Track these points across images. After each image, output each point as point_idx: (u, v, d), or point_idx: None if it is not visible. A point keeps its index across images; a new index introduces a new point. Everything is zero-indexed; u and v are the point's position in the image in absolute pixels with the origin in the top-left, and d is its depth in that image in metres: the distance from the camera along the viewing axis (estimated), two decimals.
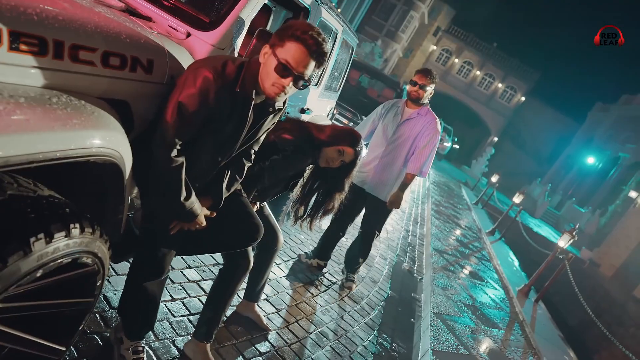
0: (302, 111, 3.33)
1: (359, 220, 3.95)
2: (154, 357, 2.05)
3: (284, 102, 1.93)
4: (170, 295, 2.52)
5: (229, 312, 2.64)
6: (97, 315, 2.11)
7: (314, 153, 2.18)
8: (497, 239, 9.19)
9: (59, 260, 1.20)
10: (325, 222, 3.13)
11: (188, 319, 2.42)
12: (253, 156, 1.97)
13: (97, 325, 2.06)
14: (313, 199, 2.36)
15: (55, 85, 1.28)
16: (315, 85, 3.50)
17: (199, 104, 1.58)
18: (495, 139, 38.39)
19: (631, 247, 14.03)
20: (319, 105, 3.79)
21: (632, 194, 17.43)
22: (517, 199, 9.99)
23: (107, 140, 1.33)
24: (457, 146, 25.44)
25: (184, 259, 2.89)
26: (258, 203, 2.33)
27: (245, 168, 1.95)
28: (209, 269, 2.96)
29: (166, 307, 2.41)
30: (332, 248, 3.86)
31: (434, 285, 4.68)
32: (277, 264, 3.52)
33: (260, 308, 2.84)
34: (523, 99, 38.82)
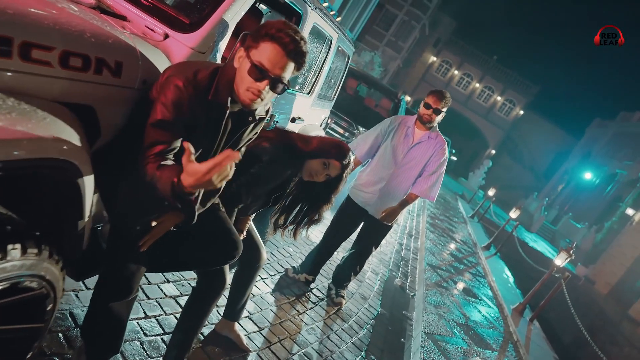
0: (293, 120, 3.20)
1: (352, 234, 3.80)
2: None
3: (267, 111, 1.80)
4: (144, 312, 2.36)
5: (207, 331, 2.49)
6: (60, 335, 1.95)
7: (294, 164, 2.03)
8: (492, 254, 9.04)
9: None
10: (311, 233, 2.97)
11: (161, 338, 2.26)
12: (233, 169, 1.83)
13: (59, 346, 1.90)
14: (295, 210, 2.21)
15: (1, 87, 1.14)
16: (308, 93, 3.37)
17: (175, 114, 1.45)
18: (493, 151, 38.40)
19: (627, 265, 13.91)
20: (312, 114, 3.66)
21: (629, 211, 17.35)
22: (513, 213, 9.87)
23: (59, 149, 1.20)
24: (454, 158, 25.39)
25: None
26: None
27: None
28: (189, 284, 2.81)
29: (138, 325, 2.25)
30: (322, 264, 3.71)
31: (426, 302, 4.53)
32: (262, 279, 3.37)
33: (242, 327, 2.69)
34: (522, 112, 38.91)
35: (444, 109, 3.23)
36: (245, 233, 2.19)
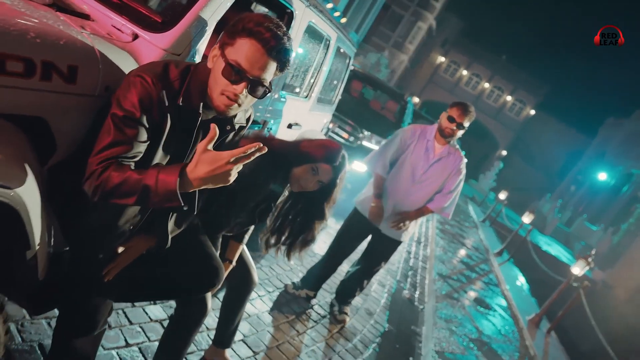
0: (289, 126, 2.99)
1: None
2: None
3: (249, 119, 1.59)
4: (125, 340, 2.15)
5: (195, 359, 2.28)
6: None
7: (278, 175, 1.79)
8: (505, 260, 8.73)
9: None
10: (306, 253, 2.69)
11: None
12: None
13: None
14: (287, 230, 1.97)
15: None
16: (306, 97, 3.16)
17: (142, 112, 1.24)
18: (504, 152, 37.84)
19: None
20: (311, 119, 3.45)
21: None
22: (527, 218, 9.53)
23: None
24: (464, 160, 25.02)
25: None
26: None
27: (200, 200, 1.59)
28: None
29: (117, 355, 2.05)
30: (326, 279, 3.49)
31: (436, 317, 4.27)
32: (259, 296, 3.15)
33: (234, 352, 2.48)
34: (532, 112, 38.34)
35: (467, 125, 2.99)
36: (234, 262, 1.96)
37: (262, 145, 1.12)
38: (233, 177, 1.16)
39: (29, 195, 1.15)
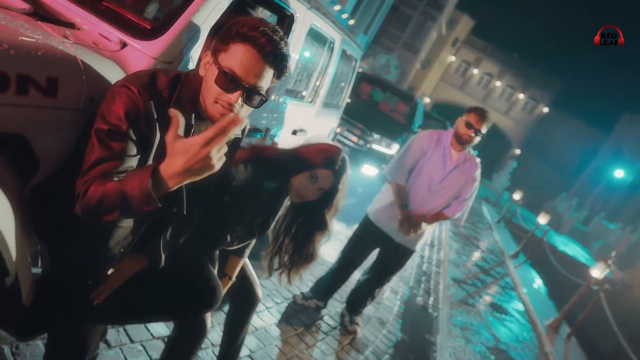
0: (294, 132, 2.90)
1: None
2: None
3: (244, 130, 1.49)
4: (125, 359, 2.07)
5: None
6: None
7: (272, 184, 1.68)
8: (521, 263, 8.51)
9: None
10: (323, 251, 2.54)
11: None
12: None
13: None
14: (291, 247, 1.85)
15: None
16: (311, 102, 3.06)
17: (129, 124, 1.15)
18: (518, 151, 37.31)
19: None
20: (317, 125, 3.35)
21: None
22: (542, 219, 9.30)
23: None
24: (480, 166, 24.67)
25: None
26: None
27: (194, 208, 1.50)
28: None
29: None
30: (336, 289, 3.38)
31: (451, 324, 4.13)
32: (267, 308, 3.06)
33: None
34: (546, 110, 37.76)
35: (485, 131, 2.88)
36: (234, 278, 1.86)
37: (236, 116, 0.97)
38: (218, 160, 1.00)
39: (2, 217, 1.07)
